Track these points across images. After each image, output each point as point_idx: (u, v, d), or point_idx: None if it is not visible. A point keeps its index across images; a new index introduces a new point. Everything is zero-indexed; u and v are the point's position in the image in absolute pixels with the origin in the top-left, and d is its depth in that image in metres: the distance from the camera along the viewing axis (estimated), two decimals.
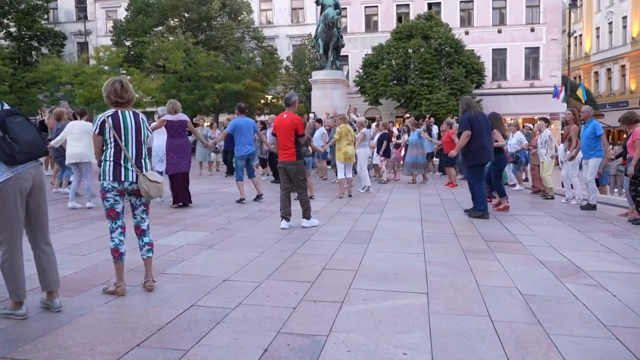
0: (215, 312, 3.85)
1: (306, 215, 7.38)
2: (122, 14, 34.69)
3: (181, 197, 9.07)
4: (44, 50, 35.12)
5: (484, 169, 8.65)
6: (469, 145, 8.38)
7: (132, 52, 31.35)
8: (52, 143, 9.48)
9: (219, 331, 3.51)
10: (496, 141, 8.95)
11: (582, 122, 9.54)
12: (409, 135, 15.28)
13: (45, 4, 34.90)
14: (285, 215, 7.28)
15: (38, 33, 34.60)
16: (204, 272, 4.92)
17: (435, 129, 18.01)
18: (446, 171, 13.87)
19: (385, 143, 13.53)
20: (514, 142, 11.85)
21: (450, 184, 13.07)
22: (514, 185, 12.51)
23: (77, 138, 8.85)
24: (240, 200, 9.62)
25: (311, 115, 15.02)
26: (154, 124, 9.28)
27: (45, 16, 36.17)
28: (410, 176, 13.69)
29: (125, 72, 27.21)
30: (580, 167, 10.06)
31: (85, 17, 37.63)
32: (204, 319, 3.72)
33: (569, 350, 3.27)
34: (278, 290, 4.41)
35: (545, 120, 11.28)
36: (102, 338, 3.38)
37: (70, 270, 4.92)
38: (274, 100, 32.34)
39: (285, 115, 7.38)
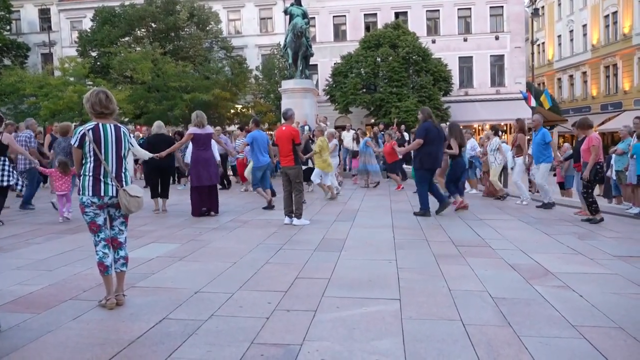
0: (187, 325, 3.80)
1: (297, 214, 8.21)
2: (87, 24, 34.09)
3: (212, 206, 9.26)
4: (7, 61, 34.32)
5: (429, 174, 9.14)
6: (419, 151, 9.01)
7: (98, 63, 30.87)
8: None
9: (191, 344, 3.47)
10: (450, 148, 9.49)
11: (533, 130, 10.28)
12: (358, 144, 15.98)
13: (7, 15, 34.13)
14: (288, 212, 8.28)
15: (0, 44, 33.82)
16: (175, 285, 4.86)
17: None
18: (391, 177, 14.86)
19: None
20: (468, 148, 12.48)
21: (399, 186, 13.92)
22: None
23: None
24: (269, 207, 9.90)
25: (306, 128, 15.48)
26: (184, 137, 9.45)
27: (8, 27, 35.36)
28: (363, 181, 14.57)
29: (91, 83, 26.75)
30: (528, 172, 11.09)
31: (50, 27, 36.77)
32: (176, 332, 3.67)
33: (538, 351, 3.33)
34: (251, 300, 4.38)
35: (493, 129, 12.06)
36: (71, 355, 3.30)
37: (36, 286, 4.80)
38: (244, 110, 32.20)
39: (284, 128, 8.36)
